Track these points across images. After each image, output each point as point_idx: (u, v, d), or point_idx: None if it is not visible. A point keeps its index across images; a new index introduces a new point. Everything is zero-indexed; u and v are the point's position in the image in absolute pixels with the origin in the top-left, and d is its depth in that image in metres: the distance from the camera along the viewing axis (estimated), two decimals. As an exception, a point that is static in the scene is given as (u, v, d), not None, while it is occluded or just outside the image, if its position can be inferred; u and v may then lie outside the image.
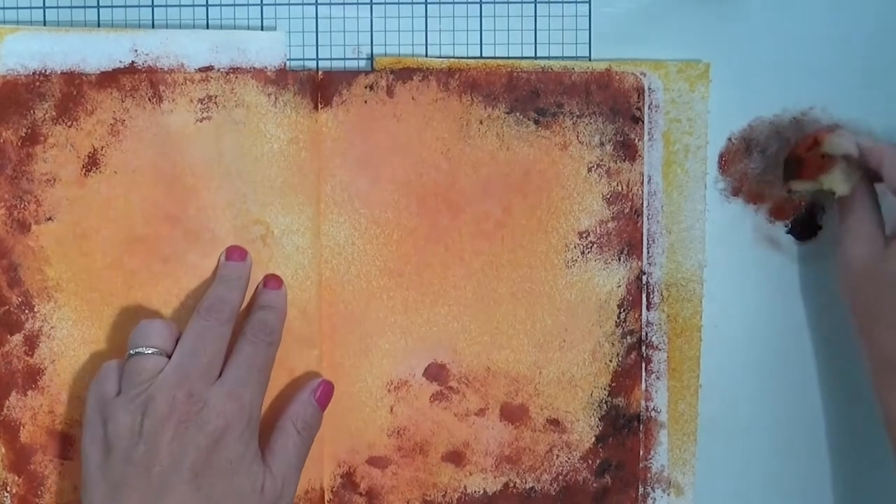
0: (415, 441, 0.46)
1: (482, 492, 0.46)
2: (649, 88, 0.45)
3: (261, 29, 0.45)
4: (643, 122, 0.45)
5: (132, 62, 0.44)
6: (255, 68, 0.44)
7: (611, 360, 0.45)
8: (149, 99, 0.44)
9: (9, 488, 0.45)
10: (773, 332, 0.46)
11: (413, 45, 0.46)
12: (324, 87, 0.44)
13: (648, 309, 0.46)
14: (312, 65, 0.45)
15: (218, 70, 0.44)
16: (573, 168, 0.45)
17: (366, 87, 0.44)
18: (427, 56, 0.45)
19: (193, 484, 0.38)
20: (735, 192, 0.46)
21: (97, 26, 0.45)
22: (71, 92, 0.44)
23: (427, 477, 0.46)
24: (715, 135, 0.45)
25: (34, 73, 0.44)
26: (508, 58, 0.45)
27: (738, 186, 0.46)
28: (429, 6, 0.45)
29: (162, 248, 0.44)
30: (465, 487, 0.46)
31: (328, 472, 0.45)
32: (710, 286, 0.46)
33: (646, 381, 0.46)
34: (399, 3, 0.45)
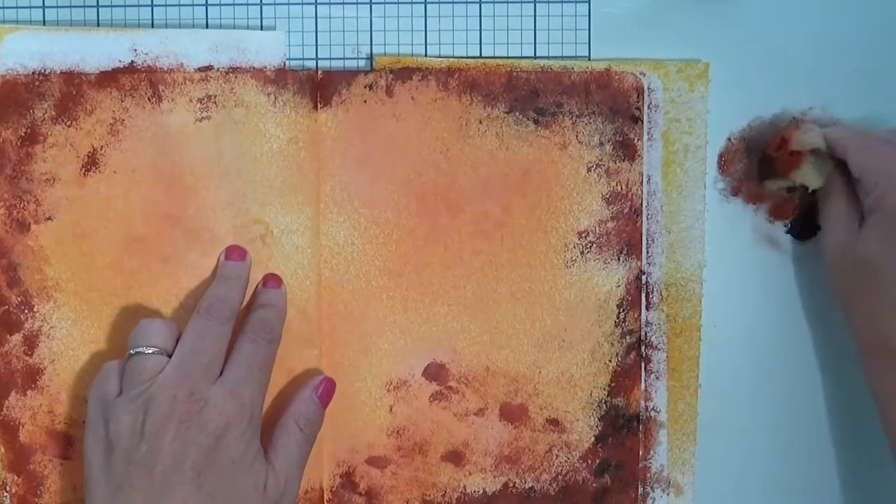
0: (414, 441, 0.46)
1: (482, 492, 0.46)
2: (649, 88, 0.45)
3: (260, 29, 0.45)
4: (643, 122, 0.45)
5: (132, 62, 0.44)
6: (254, 68, 0.44)
7: (610, 360, 0.45)
8: (148, 98, 0.44)
9: (8, 488, 0.45)
10: (772, 332, 0.46)
11: (412, 44, 0.46)
12: (323, 87, 0.44)
13: (648, 309, 0.46)
14: (312, 64, 0.45)
15: (217, 70, 0.44)
16: (572, 168, 0.45)
17: (365, 87, 0.44)
18: (426, 56, 0.45)
19: (195, 483, 0.38)
20: (734, 192, 0.46)
21: (97, 26, 0.45)
22: (70, 91, 0.44)
23: (426, 477, 0.46)
24: (714, 135, 0.45)
25: (34, 73, 0.44)
26: (508, 57, 0.45)
27: (737, 186, 0.46)
28: (428, 6, 0.46)
29: (161, 248, 0.44)
30: (465, 487, 0.46)
31: (327, 472, 0.45)
32: (710, 286, 0.46)
33: (645, 380, 0.46)
34: (399, 3, 0.45)
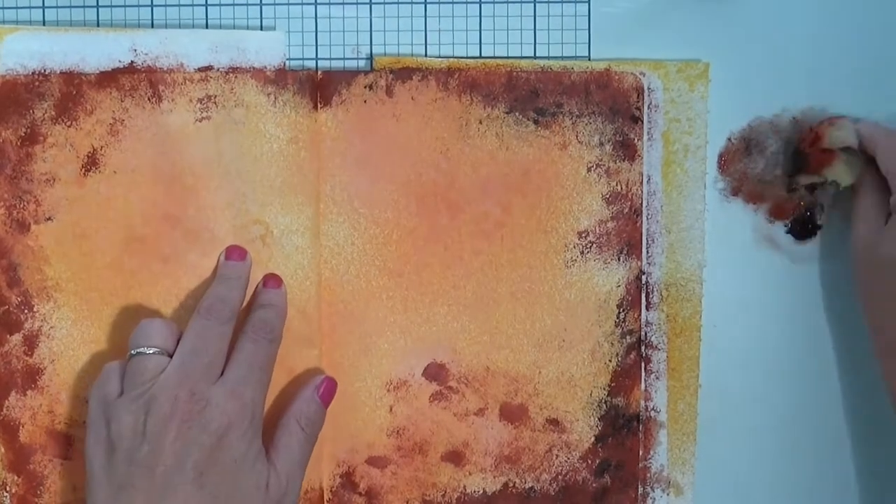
0: (414, 441, 0.46)
1: (481, 492, 0.46)
2: (649, 88, 0.45)
3: (260, 29, 0.45)
4: (642, 122, 0.45)
5: (131, 62, 0.44)
6: (254, 68, 0.44)
7: (610, 360, 0.45)
8: (148, 99, 0.44)
9: (8, 488, 0.45)
10: (772, 332, 0.46)
11: (412, 44, 0.46)
12: (323, 87, 0.44)
13: (648, 309, 0.46)
14: (312, 64, 0.45)
15: (217, 70, 0.44)
16: (572, 168, 0.45)
17: (365, 87, 0.44)
18: (426, 56, 0.45)
19: (197, 483, 0.38)
20: (734, 191, 0.46)
21: (97, 26, 0.45)
22: (70, 92, 0.44)
23: (426, 477, 0.46)
24: (714, 135, 0.45)
25: (33, 73, 0.44)
26: (508, 57, 0.45)
27: (737, 186, 0.46)
28: (428, 6, 0.46)
29: (161, 248, 0.44)
30: (465, 487, 0.46)
31: (327, 472, 0.45)
32: (710, 286, 0.46)
33: (645, 380, 0.46)
34: (399, 3, 0.45)
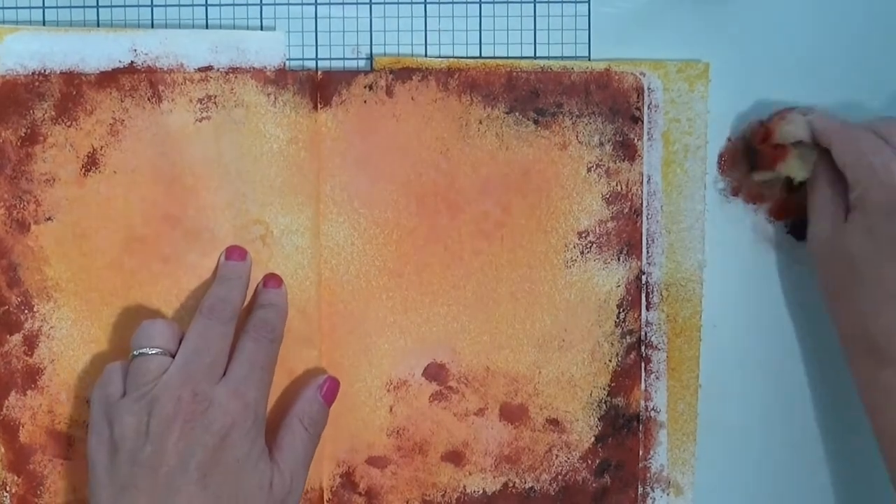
0: (414, 441, 0.46)
1: (481, 492, 0.46)
2: (649, 88, 0.45)
3: (260, 29, 0.45)
4: (642, 122, 0.45)
5: (131, 62, 0.44)
6: (254, 68, 0.44)
7: (610, 360, 0.45)
8: (148, 99, 0.44)
9: (8, 488, 0.45)
10: (772, 332, 0.46)
11: (412, 44, 0.46)
12: (323, 87, 0.44)
13: (648, 309, 0.46)
14: (312, 65, 0.45)
15: (217, 70, 0.44)
16: (572, 168, 0.45)
17: (365, 87, 0.44)
18: (426, 56, 0.45)
19: (201, 484, 0.38)
20: (734, 192, 0.46)
21: (97, 26, 0.45)
22: (70, 92, 0.44)
23: (426, 477, 0.46)
24: (714, 135, 0.45)
25: (33, 73, 0.44)
26: (508, 58, 0.45)
27: (737, 186, 0.46)
28: (428, 6, 0.45)
29: (161, 248, 0.44)
30: (465, 487, 0.46)
31: (327, 472, 0.45)
32: (710, 286, 0.46)
33: (645, 380, 0.46)
34: (399, 3, 0.45)
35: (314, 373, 0.45)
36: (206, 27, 0.45)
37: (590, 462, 0.46)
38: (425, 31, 0.46)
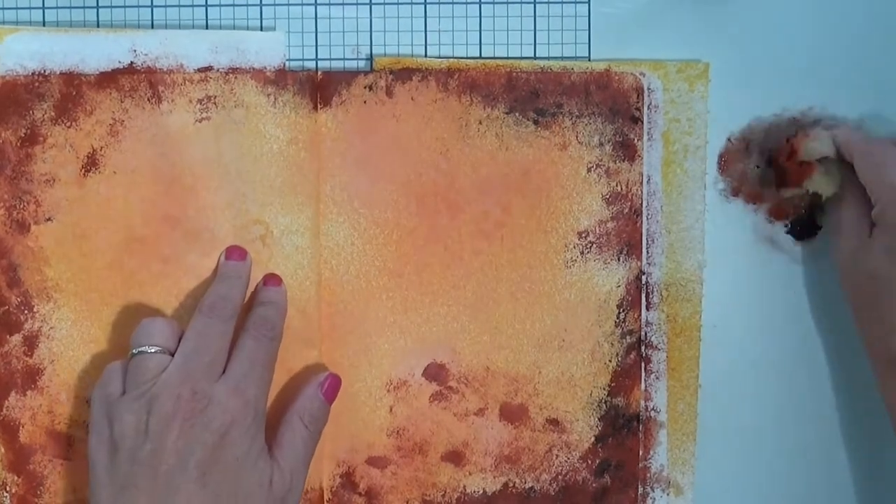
0: (414, 441, 0.46)
1: (481, 492, 0.46)
2: (648, 88, 0.45)
3: (260, 29, 0.45)
4: (642, 122, 0.45)
5: (131, 62, 0.44)
6: (254, 68, 0.44)
7: (610, 360, 0.45)
8: (148, 99, 0.44)
9: (8, 488, 0.45)
10: (772, 332, 0.46)
11: (412, 45, 0.46)
12: (323, 88, 0.44)
13: (648, 309, 0.46)
14: (312, 65, 0.45)
15: (217, 70, 0.44)
16: (572, 168, 0.45)
17: (365, 88, 0.44)
18: (426, 56, 0.45)
19: (200, 482, 0.38)
20: (735, 192, 0.46)
21: (96, 26, 0.45)
22: (70, 92, 0.44)
23: (426, 477, 0.46)
24: (714, 135, 0.45)
25: (33, 74, 0.44)
26: (508, 58, 0.45)
27: (737, 186, 0.46)
28: (428, 6, 0.45)
29: (161, 249, 0.44)
30: (465, 487, 0.46)
31: (327, 472, 0.46)
32: (710, 286, 0.46)
33: (645, 380, 0.46)
34: (399, 3, 0.45)
35: (315, 370, 0.45)
36: (206, 27, 0.45)
37: (590, 462, 0.46)
38: (425, 31, 0.46)
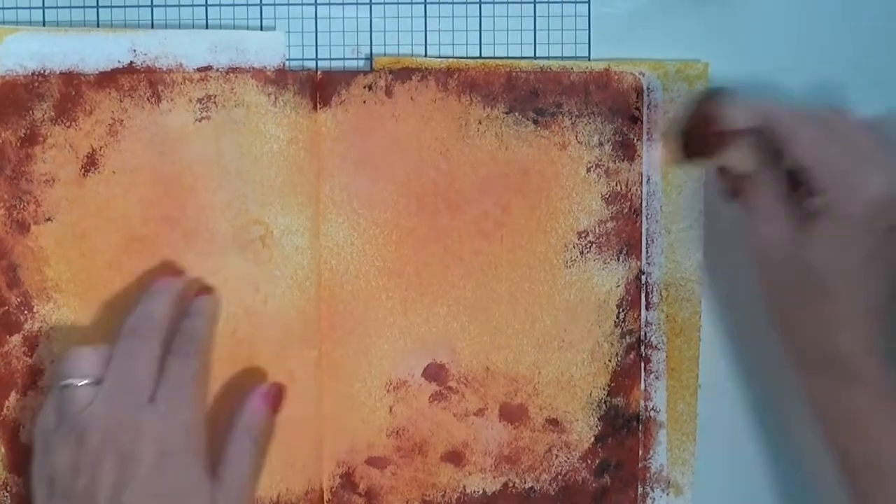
0: (414, 441, 0.46)
1: (481, 492, 0.46)
2: (648, 88, 0.45)
3: (260, 29, 0.45)
4: (642, 122, 0.45)
5: (131, 62, 0.44)
6: (254, 68, 0.44)
7: (610, 360, 0.45)
8: (147, 99, 0.44)
9: (9, 488, 0.45)
10: (772, 332, 0.46)
11: (412, 45, 0.46)
12: (323, 87, 0.44)
13: (647, 309, 0.46)
14: (312, 65, 0.45)
15: (217, 70, 0.44)
16: (572, 168, 0.45)
17: (365, 88, 0.44)
18: (426, 56, 0.45)
19: None
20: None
21: (96, 26, 0.45)
22: (70, 92, 0.44)
23: (426, 477, 0.46)
24: (714, 135, 0.45)
25: (33, 74, 0.44)
26: (507, 58, 0.45)
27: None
28: (428, 6, 0.45)
29: (161, 249, 0.44)
30: (465, 487, 0.46)
31: (327, 473, 0.46)
32: (710, 286, 0.46)
33: (645, 380, 0.46)
34: (398, 3, 0.45)
35: (260, 380, 0.44)
36: (206, 27, 0.45)
37: (589, 462, 0.46)
38: (425, 31, 0.46)
